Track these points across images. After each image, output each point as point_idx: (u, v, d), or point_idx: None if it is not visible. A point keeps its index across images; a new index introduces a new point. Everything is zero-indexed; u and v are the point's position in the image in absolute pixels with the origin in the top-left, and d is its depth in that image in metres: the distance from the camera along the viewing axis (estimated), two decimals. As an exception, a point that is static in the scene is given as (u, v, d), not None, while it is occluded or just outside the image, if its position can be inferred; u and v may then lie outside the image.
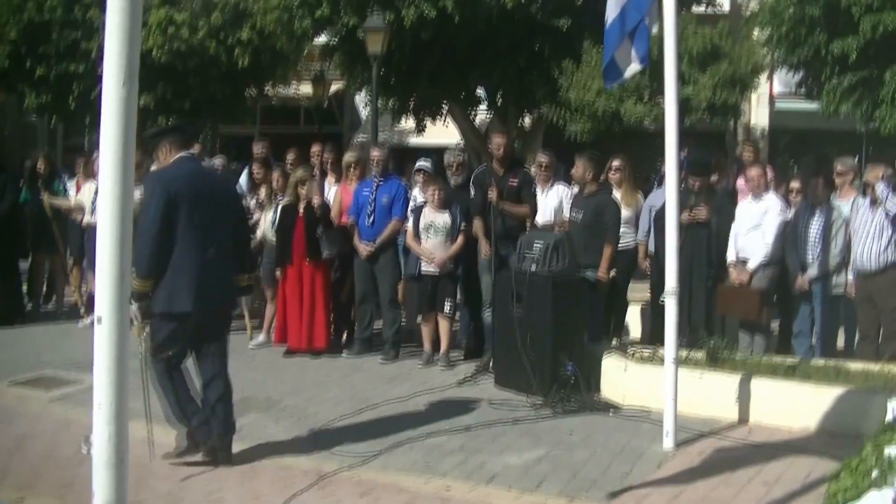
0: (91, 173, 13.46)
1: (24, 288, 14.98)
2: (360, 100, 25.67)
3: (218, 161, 13.85)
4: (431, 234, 11.42)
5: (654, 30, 8.43)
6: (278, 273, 12.12)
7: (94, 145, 18.40)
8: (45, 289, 15.42)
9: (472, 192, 11.61)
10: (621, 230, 11.52)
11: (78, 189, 14.41)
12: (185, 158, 7.89)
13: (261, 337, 12.63)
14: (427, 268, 11.43)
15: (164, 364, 7.67)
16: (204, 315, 7.64)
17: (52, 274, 15.23)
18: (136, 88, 4.51)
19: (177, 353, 7.73)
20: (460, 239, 11.44)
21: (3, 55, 21.23)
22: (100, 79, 4.53)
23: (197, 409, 7.83)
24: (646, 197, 12.64)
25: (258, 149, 14.40)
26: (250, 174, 13.91)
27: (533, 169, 12.63)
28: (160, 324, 7.55)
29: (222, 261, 7.74)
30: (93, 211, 12.28)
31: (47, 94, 21.84)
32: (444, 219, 11.41)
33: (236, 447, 8.05)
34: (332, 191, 12.84)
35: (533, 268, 10.09)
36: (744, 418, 8.87)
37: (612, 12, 8.52)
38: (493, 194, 11.08)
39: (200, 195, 7.61)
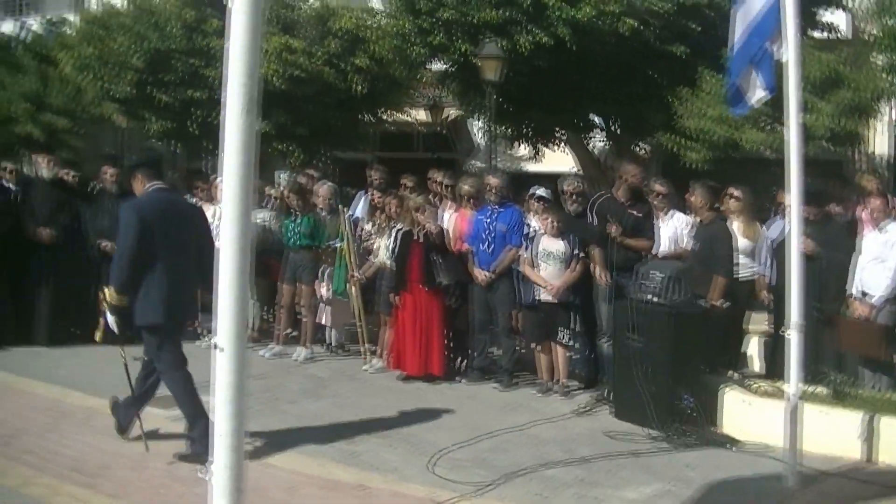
0: (211, 197, 13.71)
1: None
2: (476, 126, 25.69)
3: (325, 189, 13.95)
4: (548, 261, 11.40)
5: (779, 56, 8.32)
6: (395, 299, 12.20)
7: (214, 169, 18.75)
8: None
9: (593, 219, 11.53)
10: (741, 260, 11.40)
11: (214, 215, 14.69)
12: (157, 188, 8.92)
13: (377, 363, 12.72)
14: (544, 296, 11.40)
15: (182, 373, 8.76)
16: (173, 326, 8.80)
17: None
18: (256, 117, 4.59)
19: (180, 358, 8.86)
20: (576, 267, 11.39)
21: (128, 83, 21.68)
22: (220, 104, 4.61)
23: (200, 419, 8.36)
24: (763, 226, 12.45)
25: (375, 175, 14.52)
26: (369, 200, 14.03)
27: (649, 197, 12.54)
28: (142, 334, 8.76)
29: (188, 278, 8.70)
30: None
31: (169, 120, 22.24)
32: (560, 247, 11.38)
33: (350, 472, 8.13)
34: (449, 218, 12.90)
35: (651, 298, 10.01)
36: (869, 457, 8.69)
37: (736, 38, 8.44)
38: (613, 230, 11.01)
39: (169, 220, 8.64)
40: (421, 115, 26.11)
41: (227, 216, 4.53)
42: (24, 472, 7.93)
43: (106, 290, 8.69)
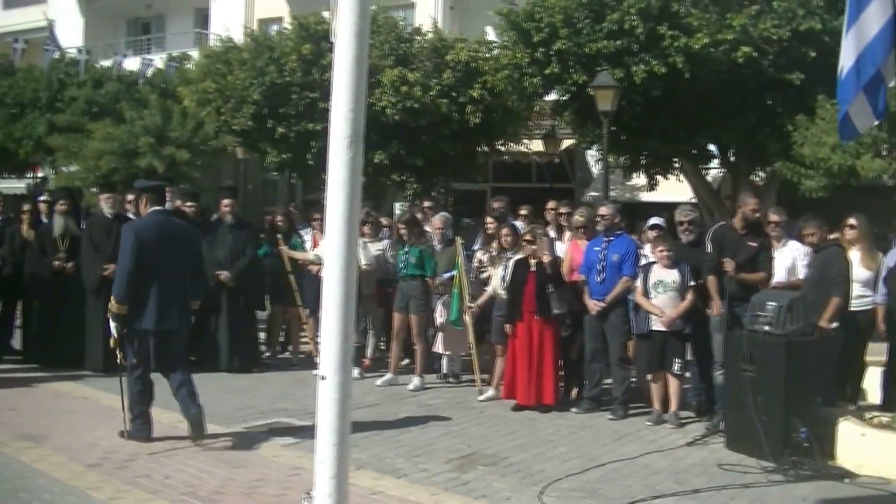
0: (327, 228, 13.85)
1: (262, 337, 15.56)
2: (592, 156, 25.65)
3: (438, 219, 14.03)
4: (661, 290, 11.32)
5: (892, 83, 8.18)
6: (508, 328, 12.21)
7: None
8: (281, 338, 15.98)
9: (709, 248, 11.40)
10: (858, 291, 11.19)
11: (315, 243, 14.92)
12: (157, 212, 10.29)
13: (490, 391, 12.72)
14: (656, 325, 11.32)
15: (140, 373, 10.01)
16: (163, 332, 9.97)
17: (288, 324, 15.76)
18: (361, 150, 4.63)
19: (145, 364, 10.03)
20: (689, 297, 11.28)
21: (247, 116, 22.11)
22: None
23: (143, 413, 10.01)
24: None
25: (497, 205, 14.59)
26: (484, 229, 14.08)
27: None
28: (132, 338, 9.92)
29: (180, 290, 10.08)
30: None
31: (287, 152, 22.60)
32: (673, 276, 11.30)
33: (461, 501, 8.15)
34: (563, 247, 12.89)
35: (766, 328, 9.87)
36: None
37: (845, 62, 8.32)
38: (729, 266, 10.87)
39: (164, 240, 9.99)
40: (536, 145, 26.13)
41: (331, 247, 4.58)
42: (139, 495, 8.07)
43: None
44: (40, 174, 34.04)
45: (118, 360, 10.14)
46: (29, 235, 14.86)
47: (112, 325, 9.94)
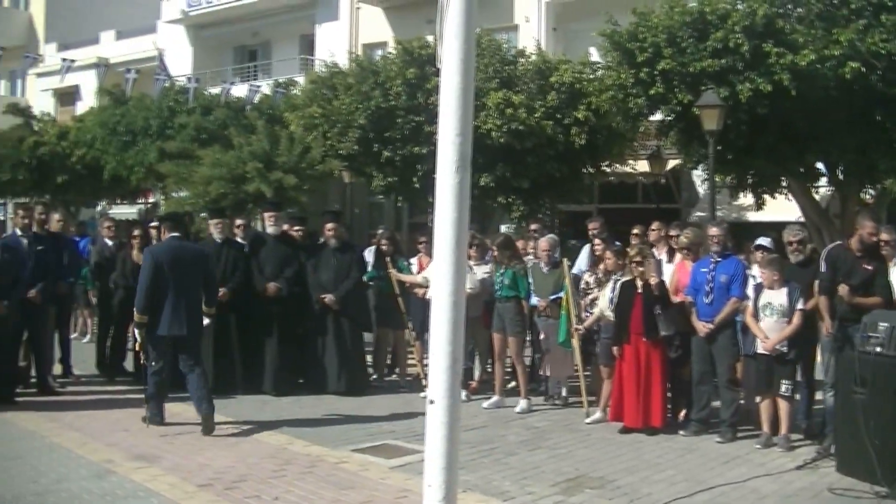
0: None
1: (369, 359, 15.67)
2: (698, 176, 25.41)
3: (545, 241, 14.00)
4: (768, 313, 11.18)
5: None
6: (615, 350, 12.14)
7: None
8: (389, 360, 16.07)
9: (823, 267, 11.20)
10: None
11: (420, 267, 14.98)
12: (173, 237, 12.23)
13: (597, 414, 12.65)
14: (762, 348, 11.18)
15: (157, 370, 11.77)
16: (175, 338, 11.66)
17: (395, 346, 15.84)
18: (469, 174, 4.65)
19: (162, 364, 11.76)
20: (795, 321, 11.08)
21: (353, 140, 22.33)
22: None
23: (158, 405, 11.96)
24: None
25: (592, 226, 14.54)
26: (592, 251, 14.04)
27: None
28: (151, 342, 11.67)
29: (192, 302, 11.82)
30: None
31: (393, 176, 22.77)
32: (781, 300, 11.12)
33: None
34: (669, 268, 12.81)
35: (878, 349, 9.66)
36: None
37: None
38: (843, 290, 10.68)
39: (177, 261, 11.76)
40: (642, 165, 25.99)
41: (440, 272, 4.59)
42: (249, 516, 8.21)
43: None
44: (151, 200, 34.73)
45: (141, 361, 12.02)
46: (139, 259, 15.16)
47: (137, 332, 11.93)
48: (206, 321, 12.21)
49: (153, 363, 11.73)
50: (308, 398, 13.98)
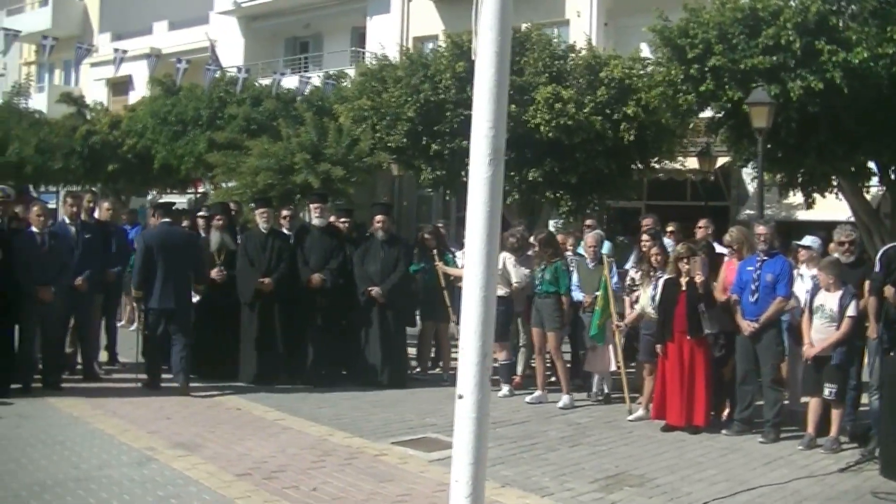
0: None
1: (412, 352, 15.68)
2: (747, 174, 25.21)
3: (591, 237, 13.95)
4: (818, 315, 11.05)
5: None
6: (659, 348, 12.07)
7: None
8: (432, 354, 16.07)
9: (877, 267, 11.04)
10: None
11: (467, 259, 14.94)
12: (164, 223, 14.00)
13: (639, 411, 12.59)
14: (806, 354, 11.08)
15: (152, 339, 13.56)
16: (164, 310, 13.35)
17: (439, 340, 15.83)
18: (502, 168, 4.60)
19: (153, 331, 13.50)
20: (844, 327, 10.89)
21: (402, 133, 22.33)
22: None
23: (152, 369, 13.67)
24: None
25: (647, 222, 14.49)
26: (639, 247, 13.97)
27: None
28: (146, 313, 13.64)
29: (180, 279, 13.50)
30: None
31: (441, 169, 22.74)
32: (833, 303, 10.95)
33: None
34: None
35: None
36: None
37: None
38: (889, 292, 10.53)
39: (167, 244, 13.47)
40: (691, 162, 25.81)
41: (470, 266, 4.56)
42: (286, 506, 8.23)
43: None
44: (201, 190, 34.95)
45: (142, 328, 14.00)
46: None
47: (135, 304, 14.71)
48: (195, 297, 13.99)
49: (147, 332, 13.63)
50: (350, 390, 14.01)
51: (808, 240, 12.79)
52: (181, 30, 44.06)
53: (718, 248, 13.17)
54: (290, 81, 31.83)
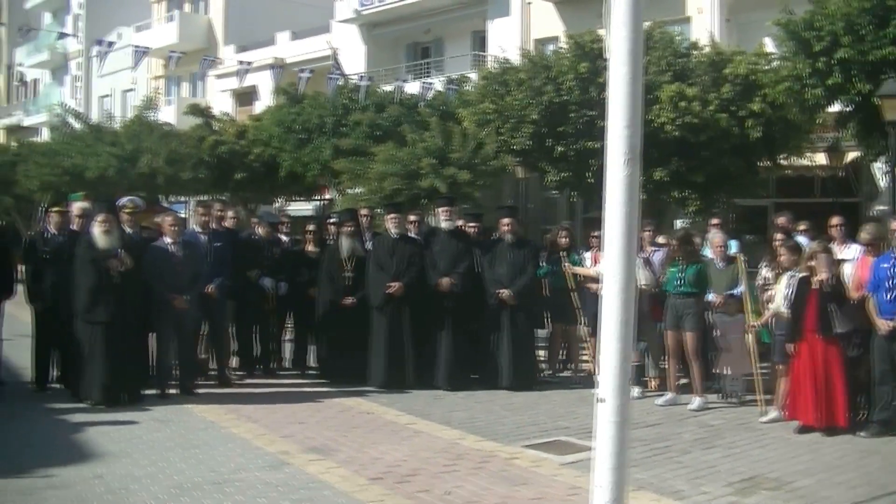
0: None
1: (542, 355, 15.67)
2: (878, 168, 24.63)
3: (719, 237, 13.82)
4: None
5: None
6: (790, 348, 11.89)
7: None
8: (562, 356, 16.04)
9: None
10: None
11: (595, 261, 14.91)
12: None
13: (773, 413, 12.42)
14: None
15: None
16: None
17: (569, 342, 15.80)
18: (639, 167, 4.58)
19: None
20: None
21: (526, 135, 22.29)
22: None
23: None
24: None
25: (781, 220, 14.31)
26: (770, 245, 13.80)
27: None
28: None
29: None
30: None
31: (566, 170, 22.65)
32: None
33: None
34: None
35: None
36: None
37: None
38: None
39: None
40: (819, 158, 25.33)
41: (609, 268, 4.56)
42: (420, 510, 8.30)
43: None
44: (327, 196, 35.28)
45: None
46: (311, 254, 15.56)
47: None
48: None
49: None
50: (481, 393, 14.07)
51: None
52: (303, 39, 44.57)
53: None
54: (412, 87, 31.98)
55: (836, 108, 19.89)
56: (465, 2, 37.18)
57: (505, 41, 31.46)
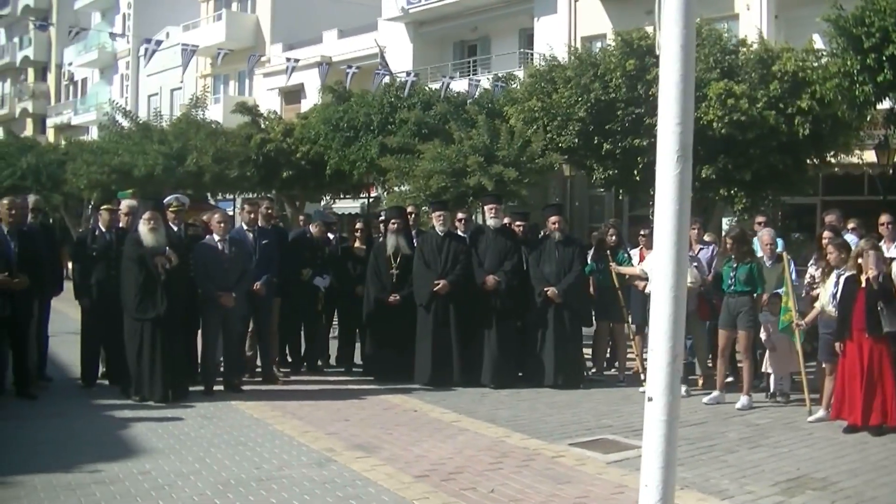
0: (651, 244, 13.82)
1: (588, 353, 15.66)
2: (930, 166, 24.42)
3: (767, 234, 13.75)
4: None
5: None
6: (838, 347, 11.81)
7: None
8: (608, 354, 16.02)
9: None
10: None
11: (641, 259, 14.87)
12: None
13: (820, 412, 12.34)
14: None
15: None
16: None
17: (615, 340, 15.78)
18: (690, 164, 4.57)
19: None
20: None
21: (573, 133, 22.25)
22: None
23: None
24: None
25: (829, 218, 14.23)
26: (818, 244, 13.72)
27: None
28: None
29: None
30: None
31: (613, 168, 22.58)
32: None
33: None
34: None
35: None
36: None
37: None
38: None
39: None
40: (868, 156, 25.10)
41: (660, 266, 4.54)
42: (465, 508, 8.32)
43: None
44: (374, 194, 35.37)
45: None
46: (359, 252, 15.63)
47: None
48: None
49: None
50: (526, 391, 14.08)
51: None
52: (351, 37, 44.66)
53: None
54: (459, 85, 31.96)
55: (885, 105, 19.72)
56: (511, 0, 37.18)
57: (552, 39, 31.42)
